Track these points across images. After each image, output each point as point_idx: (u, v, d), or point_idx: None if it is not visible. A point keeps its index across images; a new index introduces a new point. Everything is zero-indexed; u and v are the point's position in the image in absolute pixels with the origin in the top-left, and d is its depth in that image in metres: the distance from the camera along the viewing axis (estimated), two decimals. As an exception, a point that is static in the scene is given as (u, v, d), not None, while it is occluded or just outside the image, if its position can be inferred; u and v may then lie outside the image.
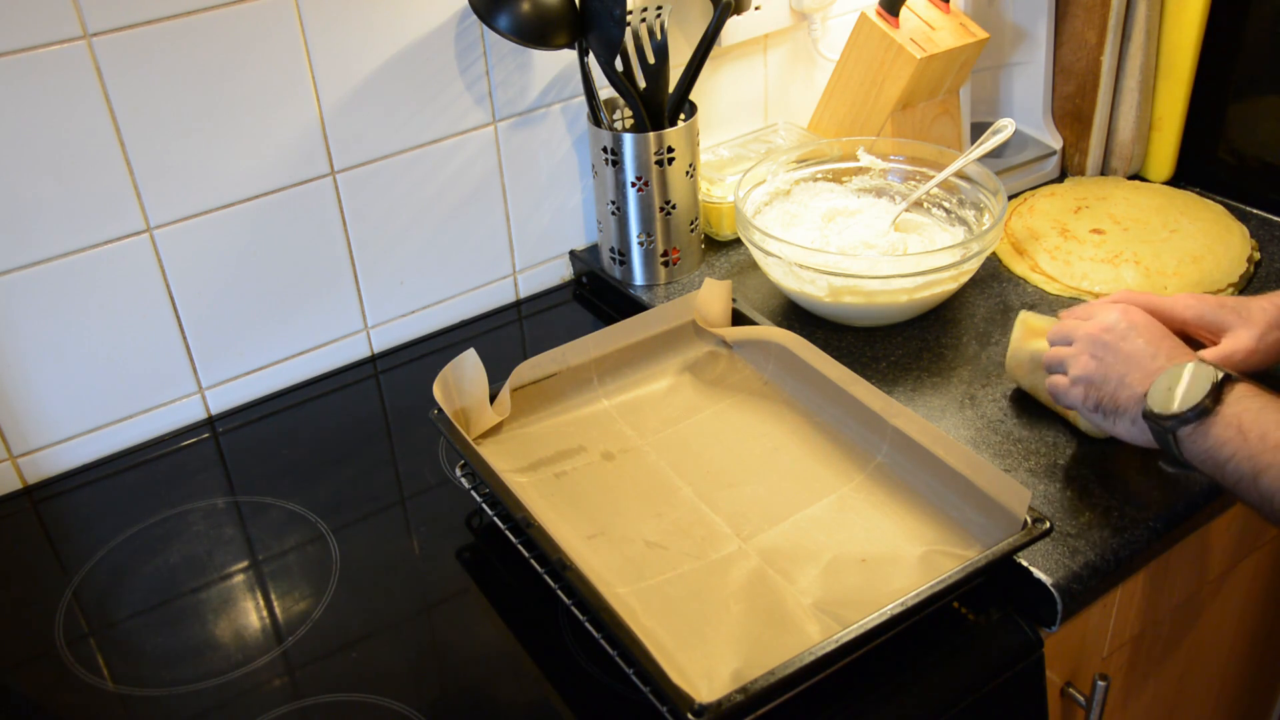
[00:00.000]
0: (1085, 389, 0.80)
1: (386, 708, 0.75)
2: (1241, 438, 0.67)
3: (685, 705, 0.63)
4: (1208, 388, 0.70)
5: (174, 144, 0.93)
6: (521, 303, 1.19)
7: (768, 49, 1.26)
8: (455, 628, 0.82)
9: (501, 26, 0.99)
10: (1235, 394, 0.69)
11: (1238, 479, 0.68)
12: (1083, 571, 0.77)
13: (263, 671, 0.79)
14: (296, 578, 0.86)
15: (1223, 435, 0.68)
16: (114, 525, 0.92)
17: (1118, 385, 0.77)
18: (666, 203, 1.09)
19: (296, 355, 1.08)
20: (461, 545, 0.88)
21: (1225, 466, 0.69)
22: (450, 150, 1.07)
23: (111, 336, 0.97)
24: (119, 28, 0.86)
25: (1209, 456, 0.70)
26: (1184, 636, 1.04)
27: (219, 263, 0.99)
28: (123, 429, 1.01)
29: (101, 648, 0.82)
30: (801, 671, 0.67)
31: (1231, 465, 0.68)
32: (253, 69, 0.93)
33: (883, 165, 1.14)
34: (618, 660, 0.72)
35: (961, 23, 1.20)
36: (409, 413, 1.05)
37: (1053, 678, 0.89)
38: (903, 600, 0.70)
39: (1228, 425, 0.68)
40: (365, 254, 1.07)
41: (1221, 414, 0.69)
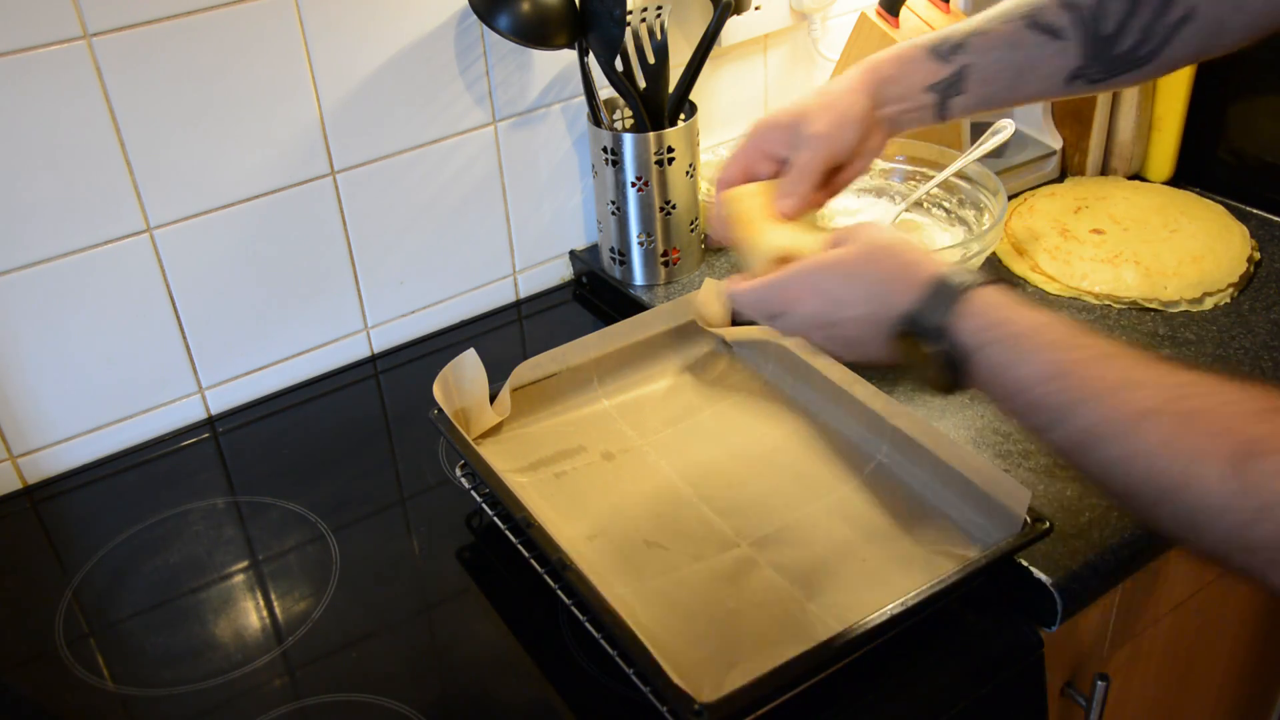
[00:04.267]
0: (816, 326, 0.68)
1: (386, 708, 0.75)
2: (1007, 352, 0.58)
3: (686, 705, 0.63)
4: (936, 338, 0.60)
5: (174, 144, 0.93)
6: (521, 303, 1.19)
7: (768, 49, 1.26)
8: (455, 628, 0.82)
9: (501, 26, 0.99)
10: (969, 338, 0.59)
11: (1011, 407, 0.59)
12: (1083, 571, 0.77)
13: (263, 671, 0.79)
14: (296, 578, 0.86)
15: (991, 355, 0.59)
16: (114, 525, 0.92)
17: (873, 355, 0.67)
18: (666, 203, 1.09)
19: (296, 355, 1.08)
20: (461, 545, 0.88)
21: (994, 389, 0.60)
22: (450, 150, 1.07)
23: (111, 336, 0.97)
24: (119, 28, 0.86)
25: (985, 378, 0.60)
26: (1184, 636, 1.04)
27: (219, 263, 0.99)
28: (123, 429, 1.01)
29: (101, 648, 0.82)
30: (802, 671, 0.67)
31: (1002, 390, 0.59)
32: (253, 69, 0.93)
33: (883, 165, 1.14)
34: (618, 660, 0.72)
35: (961, 23, 1.20)
36: (409, 413, 1.05)
37: (1053, 678, 0.89)
38: (903, 600, 0.70)
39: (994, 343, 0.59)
40: (365, 254, 1.07)
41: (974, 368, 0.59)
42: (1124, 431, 0.53)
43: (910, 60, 0.81)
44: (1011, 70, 0.78)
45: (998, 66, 0.78)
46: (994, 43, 0.79)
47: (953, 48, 0.80)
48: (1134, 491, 0.54)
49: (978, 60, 0.79)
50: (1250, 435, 0.50)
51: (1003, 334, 0.59)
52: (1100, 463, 0.55)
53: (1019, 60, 0.78)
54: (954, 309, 0.60)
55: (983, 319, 0.60)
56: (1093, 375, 0.56)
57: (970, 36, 0.80)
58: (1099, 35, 0.76)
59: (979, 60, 0.79)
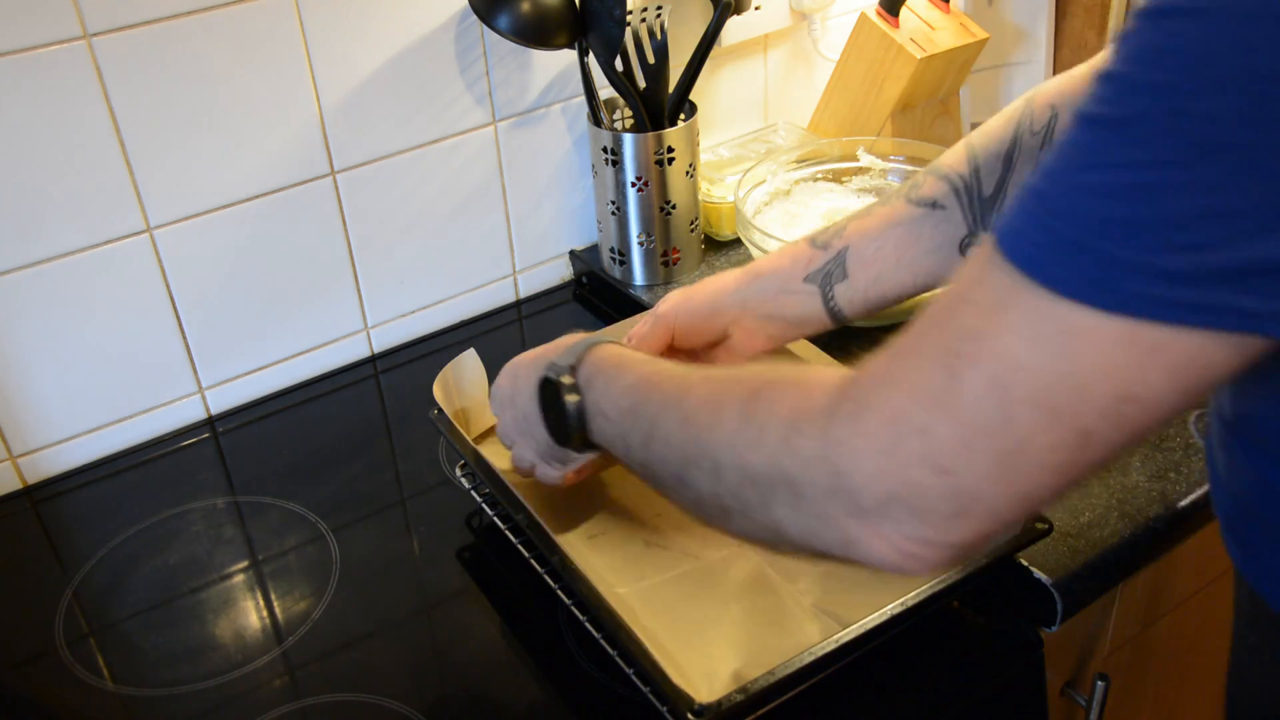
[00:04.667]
0: (547, 460, 0.77)
1: (386, 708, 0.75)
2: (605, 420, 0.65)
3: (685, 705, 0.63)
4: (561, 392, 0.67)
5: (174, 144, 0.93)
6: (521, 303, 1.19)
7: (768, 49, 1.26)
8: (455, 628, 0.82)
9: (501, 26, 0.99)
10: (588, 381, 0.66)
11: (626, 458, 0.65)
12: (1083, 571, 0.77)
13: (263, 671, 0.79)
14: (296, 578, 0.86)
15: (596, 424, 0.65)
16: (114, 525, 0.92)
17: (544, 441, 0.73)
18: (666, 203, 1.09)
19: (296, 355, 1.08)
20: (461, 545, 0.88)
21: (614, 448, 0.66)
22: (450, 150, 1.07)
23: (111, 336, 0.97)
24: (119, 28, 0.86)
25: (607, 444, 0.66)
26: (1184, 636, 1.04)
27: (219, 263, 0.99)
28: (123, 429, 1.01)
29: (101, 648, 0.82)
30: (802, 671, 0.67)
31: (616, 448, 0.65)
32: (253, 69, 0.93)
33: (883, 165, 1.15)
34: (618, 660, 0.72)
35: (961, 23, 1.20)
36: (409, 413, 1.05)
37: (1053, 678, 0.89)
38: (903, 600, 0.70)
39: (593, 413, 0.66)
40: (365, 254, 1.07)
41: (590, 406, 0.66)
42: (674, 403, 0.59)
43: (789, 253, 0.81)
44: (895, 247, 0.77)
45: (878, 245, 0.78)
46: (873, 223, 0.78)
47: (832, 235, 0.80)
48: (683, 459, 0.57)
49: (855, 242, 0.78)
50: (766, 379, 0.54)
51: (609, 363, 0.67)
52: (662, 443, 0.59)
53: (901, 236, 0.77)
54: (581, 355, 0.68)
55: (599, 355, 0.68)
56: (665, 375, 0.62)
57: (850, 222, 0.80)
58: (982, 198, 0.76)
59: (857, 242, 0.78)
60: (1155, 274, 0.40)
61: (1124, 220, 0.40)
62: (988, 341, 0.44)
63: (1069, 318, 0.42)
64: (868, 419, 0.47)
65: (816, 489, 0.49)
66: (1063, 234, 0.42)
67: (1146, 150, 0.40)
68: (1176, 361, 0.42)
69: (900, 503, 0.46)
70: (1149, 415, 0.43)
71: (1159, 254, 0.40)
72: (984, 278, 0.44)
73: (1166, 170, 0.39)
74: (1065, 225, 0.42)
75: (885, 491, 0.46)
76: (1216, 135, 0.38)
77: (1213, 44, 0.38)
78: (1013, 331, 0.43)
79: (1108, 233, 0.41)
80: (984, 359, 0.44)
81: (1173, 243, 0.40)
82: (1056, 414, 0.43)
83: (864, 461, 0.47)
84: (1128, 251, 0.40)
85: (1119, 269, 0.41)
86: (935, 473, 0.45)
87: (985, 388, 0.44)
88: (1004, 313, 0.43)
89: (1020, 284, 0.43)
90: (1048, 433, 0.43)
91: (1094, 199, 0.41)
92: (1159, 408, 0.43)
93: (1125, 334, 0.41)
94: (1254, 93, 0.38)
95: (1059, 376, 0.43)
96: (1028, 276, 0.43)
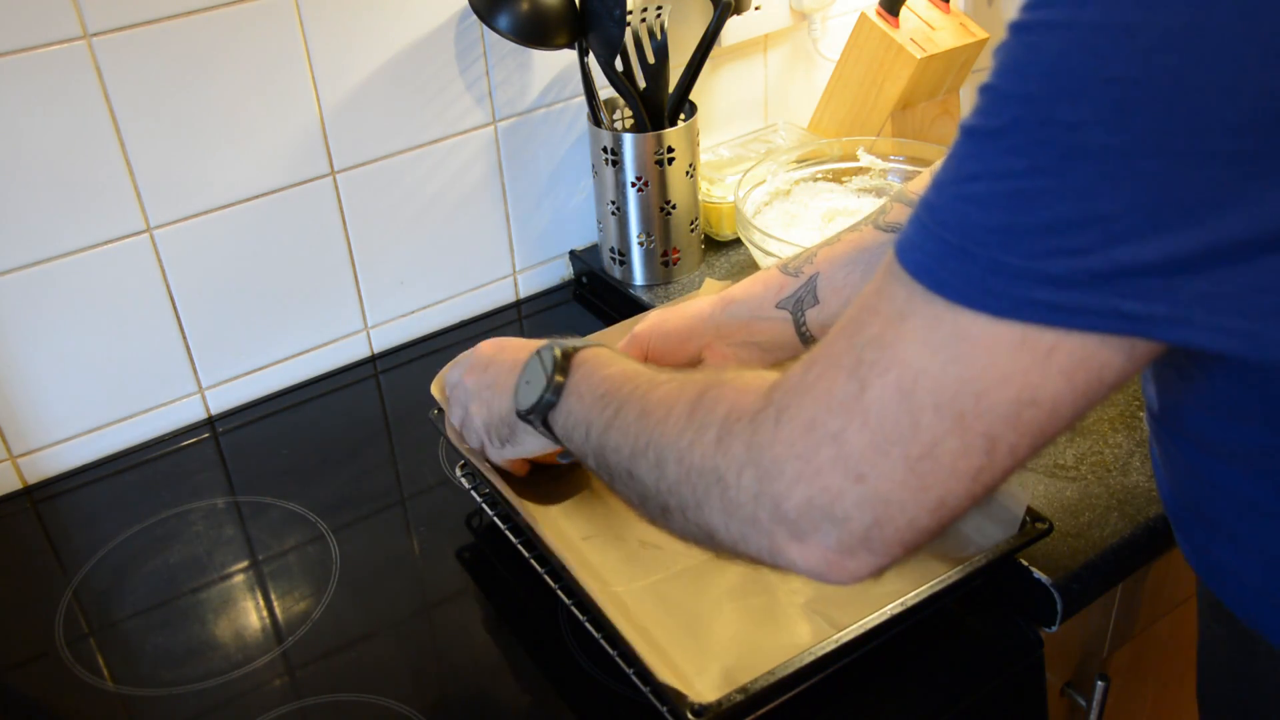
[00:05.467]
0: (488, 435, 0.77)
1: (386, 708, 0.75)
2: (579, 400, 0.65)
3: (684, 706, 0.63)
4: (552, 365, 0.67)
5: (174, 144, 0.93)
6: (521, 303, 1.19)
7: (768, 49, 1.26)
8: (455, 628, 0.82)
9: (501, 26, 0.99)
10: (580, 364, 0.66)
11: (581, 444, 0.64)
12: (1083, 571, 0.77)
13: (263, 671, 0.79)
14: (296, 578, 0.86)
15: (567, 405, 0.65)
16: (114, 525, 0.92)
17: (502, 407, 0.74)
18: (666, 203, 1.09)
19: (296, 355, 1.08)
20: (461, 545, 0.88)
21: (572, 435, 0.65)
22: (450, 150, 1.07)
23: (111, 336, 0.97)
24: (119, 28, 0.86)
25: (564, 433, 0.66)
26: (1184, 636, 1.04)
27: (219, 263, 0.99)
28: (123, 429, 1.01)
29: (101, 648, 0.82)
30: (802, 671, 0.67)
31: (576, 432, 0.65)
32: (253, 69, 0.93)
33: (883, 165, 1.15)
34: (618, 660, 0.72)
35: (961, 23, 1.20)
36: (409, 413, 1.05)
37: (1052, 678, 0.89)
38: (902, 600, 0.70)
39: (570, 393, 0.66)
40: (365, 254, 1.07)
41: (570, 386, 0.66)
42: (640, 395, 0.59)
43: (761, 280, 0.82)
44: (864, 273, 0.78)
45: (847, 271, 0.79)
46: (842, 250, 0.80)
47: (803, 262, 0.81)
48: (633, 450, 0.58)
49: (826, 269, 0.79)
50: (715, 380, 0.55)
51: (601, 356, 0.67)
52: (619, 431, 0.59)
53: (869, 262, 0.78)
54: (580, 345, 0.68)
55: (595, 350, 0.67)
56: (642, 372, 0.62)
57: (820, 248, 0.81)
58: None
59: (827, 268, 0.79)
60: (1039, 279, 0.41)
61: (1005, 228, 0.42)
62: (891, 349, 0.45)
63: (964, 324, 0.43)
64: (786, 425, 0.48)
65: (744, 492, 0.50)
66: (951, 242, 0.43)
67: (1020, 159, 0.41)
68: (1070, 364, 0.43)
69: (819, 510, 0.47)
70: (1052, 419, 0.44)
71: (1040, 259, 0.41)
72: (885, 288, 0.46)
73: (1039, 177, 0.41)
74: (953, 234, 0.43)
75: (804, 498, 0.47)
76: (1079, 142, 0.40)
77: (1069, 55, 0.40)
78: (913, 339, 0.44)
79: (991, 241, 0.42)
80: (889, 367, 0.45)
81: (1052, 248, 0.41)
82: (960, 419, 0.44)
83: (784, 466, 0.48)
84: (1011, 258, 0.42)
85: (1005, 275, 0.42)
86: (850, 479, 0.46)
87: (891, 394, 0.45)
88: (904, 321, 0.45)
89: (916, 293, 0.44)
90: (954, 438, 0.44)
91: (976, 208, 0.42)
92: (1061, 411, 0.44)
93: (1017, 338, 0.42)
94: (1108, 100, 0.39)
95: (960, 382, 0.44)
96: (923, 286, 0.44)
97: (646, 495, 0.57)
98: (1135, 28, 0.38)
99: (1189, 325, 0.41)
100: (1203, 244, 0.40)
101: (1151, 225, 0.40)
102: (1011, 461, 0.46)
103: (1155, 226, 0.40)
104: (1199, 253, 0.40)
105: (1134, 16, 0.38)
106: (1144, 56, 0.38)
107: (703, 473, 0.52)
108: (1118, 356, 0.43)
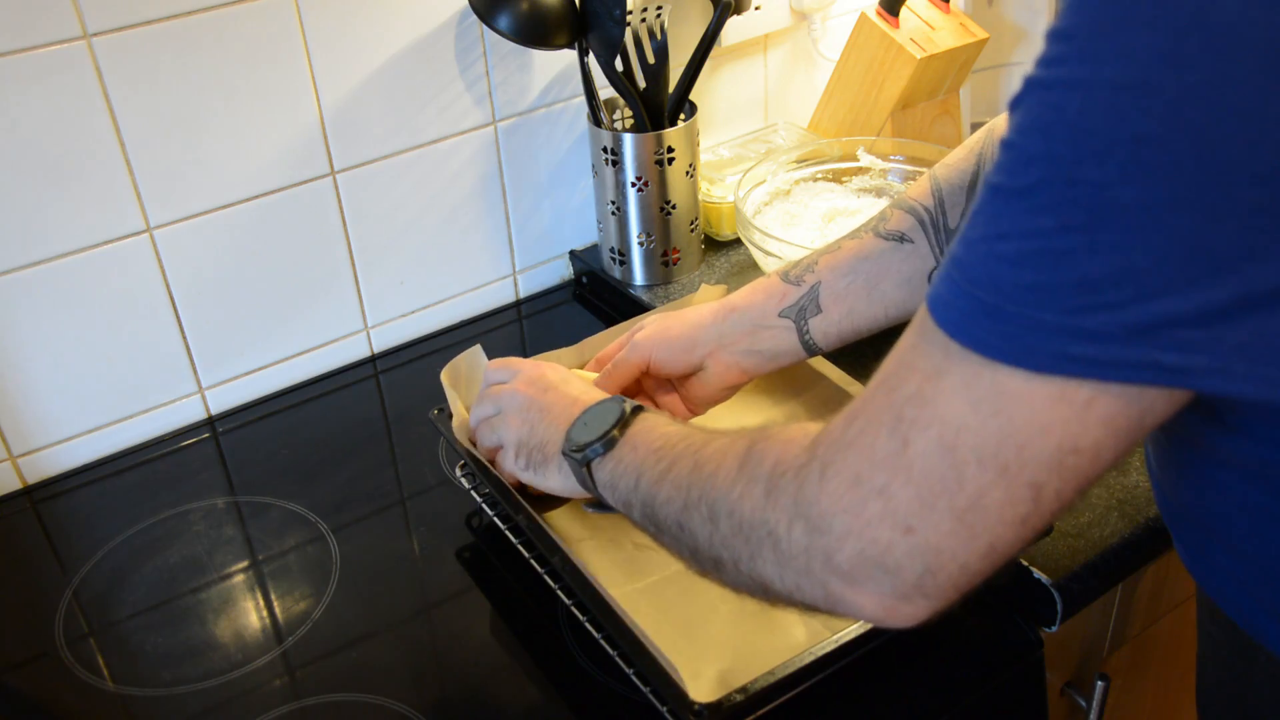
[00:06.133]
0: (516, 451, 0.76)
1: (386, 708, 0.75)
2: (633, 452, 0.65)
3: (685, 706, 0.63)
4: (617, 417, 0.67)
5: (174, 144, 0.93)
6: (521, 303, 1.19)
7: (768, 49, 1.26)
8: (455, 628, 0.82)
9: (501, 26, 0.99)
10: (640, 420, 0.67)
11: (628, 494, 0.65)
12: (1083, 571, 0.77)
13: (263, 671, 0.79)
14: (296, 578, 0.86)
15: (620, 454, 0.66)
16: (114, 525, 0.92)
17: (545, 435, 0.74)
18: (666, 203, 1.09)
19: (296, 355, 1.08)
20: (461, 545, 0.88)
21: (619, 485, 0.66)
22: (450, 150, 1.07)
23: (111, 336, 0.97)
24: (119, 28, 0.86)
25: (610, 481, 0.67)
26: (1184, 636, 1.04)
27: (219, 263, 0.99)
28: (123, 429, 1.01)
29: (101, 648, 0.82)
30: (802, 671, 0.67)
31: (623, 481, 0.65)
32: (253, 69, 0.93)
33: (883, 165, 1.14)
34: (618, 660, 0.72)
35: (961, 23, 1.20)
36: (409, 413, 1.05)
37: (1052, 678, 0.89)
38: (903, 600, 0.70)
39: (625, 444, 0.66)
40: (365, 254, 1.07)
41: (626, 438, 0.67)
42: (694, 450, 0.60)
43: (763, 289, 0.82)
44: (865, 281, 0.79)
45: (849, 279, 0.79)
46: (843, 257, 0.80)
47: (804, 270, 0.81)
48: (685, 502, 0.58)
49: (827, 277, 0.80)
50: (764, 433, 0.56)
51: (663, 416, 0.69)
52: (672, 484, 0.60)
53: (871, 270, 0.79)
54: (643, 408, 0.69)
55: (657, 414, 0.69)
56: (700, 429, 0.63)
57: (821, 256, 0.81)
58: (947, 230, 0.78)
59: (829, 277, 0.80)
60: (1076, 334, 0.41)
61: (1038, 285, 0.42)
62: (931, 406, 0.46)
63: (1002, 380, 0.43)
64: (831, 480, 0.49)
65: (795, 545, 0.50)
66: (985, 300, 0.43)
67: (1048, 218, 0.41)
68: (1109, 413, 0.43)
69: (871, 561, 0.48)
70: (1095, 463, 0.45)
71: (1075, 315, 0.41)
72: (920, 344, 0.46)
73: (1069, 235, 0.41)
74: (986, 292, 0.43)
75: (855, 550, 0.48)
76: (1107, 200, 0.40)
77: (1091, 114, 0.40)
78: (952, 395, 0.45)
79: (1025, 298, 0.42)
80: (930, 423, 0.45)
81: (1086, 303, 0.41)
82: (1004, 470, 0.45)
83: (833, 521, 0.48)
84: (1046, 314, 0.42)
85: (1041, 332, 0.42)
86: (900, 531, 0.47)
87: (934, 450, 0.45)
88: (942, 377, 0.45)
89: (953, 350, 0.45)
90: (999, 488, 0.45)
91: (1008, 266, 0.43)
92: (1103, 455, 0.44)
93: (1057, 392, 0.43)
94: (1133, 157, 0.39)
95: (1002, 435, 0.44)
96: (959, 343, 0.44)
97: (698, 548, 0.58)
98: (1156, 85, 0.38)
99: (1229, 376, 0.41)
100: (1238, 293, 0.40)
101: (1185, 278, 0.40)
102: (1058, 505, 0.46)
103: (1189, 279, 0.40)
104: (1235, 302, 0.40)
105: (1154, 74, 0.38)
106: (1166, 113, 0.38)
107: (754, 526, 0.52)
108: (1158, 402, 0.43)
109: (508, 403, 0.78)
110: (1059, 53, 0.41)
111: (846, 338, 0.81)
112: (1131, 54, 0.39)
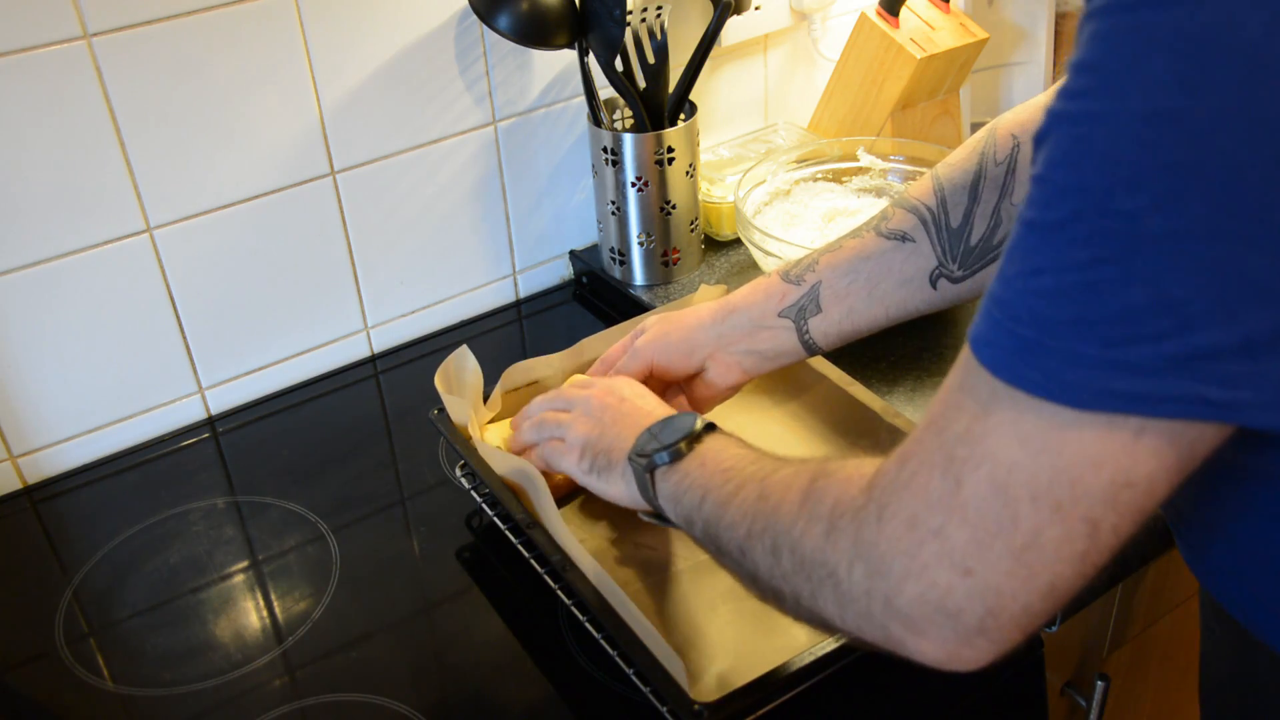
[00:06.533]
0: (582, 451, 0.76)
1: (386, 708, 0.75)
2: (701, 468, 0.65)
3: (685, 705, 0.63)
4: (687, 430, 0.67)
5: (174, 144, 0.93)
6: (521, 303, 1.19)
7: (768, 49, 1.26)
8: (455, 628, 0.82)
9: (501, 26, 0.99)
10: (712, 438, 0.67)
11: (691, 511, 0.65)
12: (1083, 571, 0.77)
13: (263, 671, 0.79)
14: (296, 578, 0.86)
15: (687, 467, 0.66)
16: (114, 525, 0.92)
17: (614, 441, 0.74)
18: (666, 203, 1.09)
19: (296, 355, 1.08)
20: (461, 545, 0.88)
21: (683, 499, 0.66)
22: (450, 150, 1.07)
23: (111, 336, 0.97)
24: (119, 28, 0.86)
25: (673, 494, 0.67)
26: (1184, 636, 1.04)
27: (219, 263, 0.99)
28: (123, 429, 1.01)
29: (101, 648, 0.82)
30: (802, 672, 0.67)
31: (688, 497, 0.65)
32: (253, 69, 0.93)
33: (883, 165, 1.15)
34: (618, 660, 0.72)
35: (961, 23, 1.20)
36: (409, 413, 1.05)
37: (1052, 678, 0.89)
38: (903, 600, 0.70)
39: (693, 458, 0.66)
40: (365, 254, 1.07)
41: (695, 453, 0.67)
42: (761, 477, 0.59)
43: (762, 289, 0.82)
44: (866, 281, 0.79)
45: (850, 279, 0.79)
46: (844, 257, 0.80)
47: (804, 269, 0.81)
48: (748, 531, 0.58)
49: (828, 277, 0.80)
50: (825, 469, 0.55)
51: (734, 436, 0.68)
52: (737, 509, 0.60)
53: (872, 269, 0.79)
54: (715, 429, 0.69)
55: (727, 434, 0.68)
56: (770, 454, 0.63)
57: (821, 255, 0.81)
58: (949, 229, 0.78)
59: (829, 276, 0.80)
60: (1117, 367, 0.41)
61: (1077, 319, 0.42)
62: (980, 444, 0.45)
63: (1048, 416, 0.43)
64: (889, 522, 0.48)
65: (856, 587, 0.50)
66: (1027, 338, 0.43)
67: (1083, 250, 0.41)
68: (1159, 445, 0.42)
69: (931, 605, 0.47)
70: (1150, 497, 0.44)
71: (1117, 347, 0.41)
72: (965, 382, 0.46)
73: (1105, 268, 0.40)
74: (1026, 328, 0.43)
75: (916, 594, 0.47)
76: (1141, 230, 0.39)
77: (1119, 144, 0.39)
78: (1001, 433, 0.44)
79: (1065, 332, 0.42)
80: (980, 462, 0.45)
81: (1127, 335, 0.41)
82: (1058, 507, 0.44)
83: (892, 564, 0.48)
84: (1088, 348, 0.41)
85: (1082, 367, 0.42)
86: (958, 573, 0.46)
87: (987, 489, 0.45)
88: (989, 416, 0.45)
89: (999, 388, 0.44)
90: (1054, 526, 0.44)
91: (1046, 301, 0.42)
92: (1157, 487, 0.44)
93: (1103, 427, 0.42)
94: (1164, 187, 0.39)
95: (1054, 471, 0.44)
96: (1003, 380, 0.44)
97: (758, 577, 0.58)
98: (1181, 113, 0.38)
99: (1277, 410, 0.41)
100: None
101: (1225, 309, 0.39)
102: (1116, 540, 0.46)
103: (1229, 310, 0.39)
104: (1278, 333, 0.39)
105: (1178, 102, 0.38)
106: (1194, 141, 0.38)
107: (815, 565, 0.52)
108: (1207, 432, 0.43)
109: (581, 403, 0.78)
110: (1083, 85, 0.41)
111: (847, 337, 0.81)
112: (1155, 82, 0.38)
